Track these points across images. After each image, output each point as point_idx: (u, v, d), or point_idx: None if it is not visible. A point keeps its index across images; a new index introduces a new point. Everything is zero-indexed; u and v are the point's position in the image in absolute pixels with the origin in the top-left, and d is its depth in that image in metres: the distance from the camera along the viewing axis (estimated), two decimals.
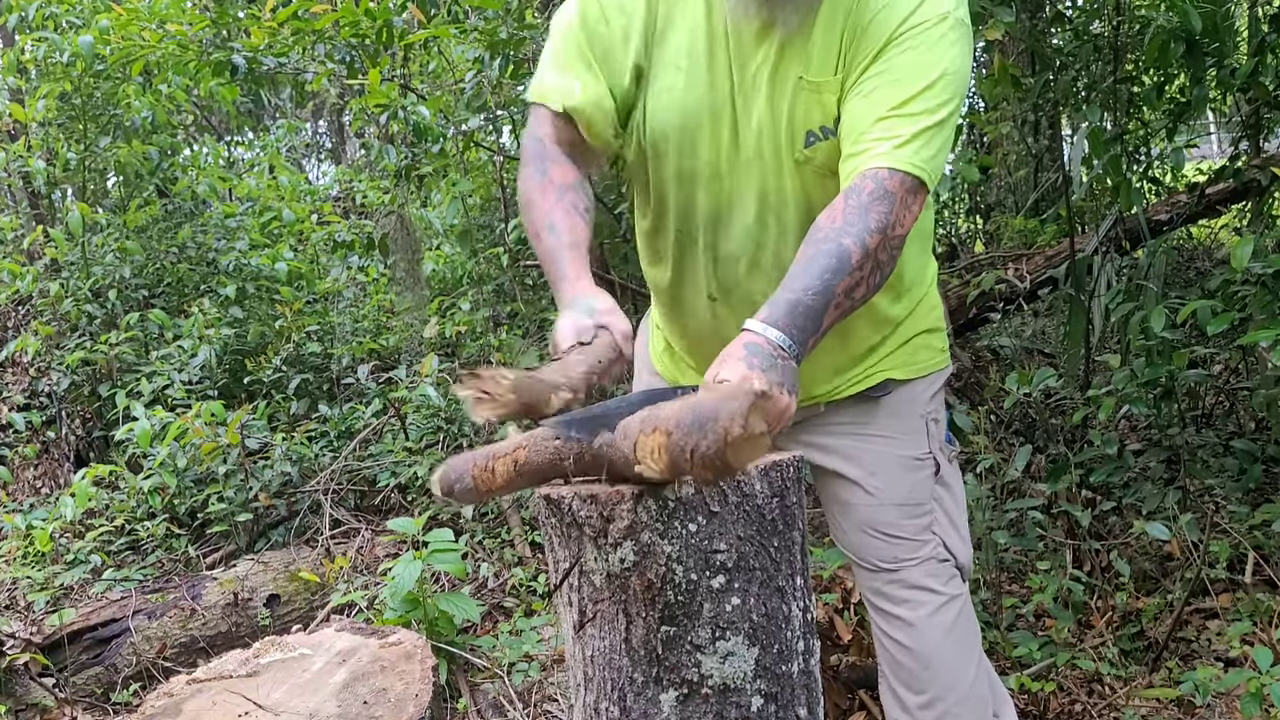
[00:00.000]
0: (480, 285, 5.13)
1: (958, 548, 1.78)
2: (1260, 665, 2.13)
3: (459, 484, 1.41)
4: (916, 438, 1.76)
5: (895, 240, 1.40)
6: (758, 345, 1.27)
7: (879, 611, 1.78)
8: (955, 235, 6.33)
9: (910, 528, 1.74)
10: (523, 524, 3.82)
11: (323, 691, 1.87)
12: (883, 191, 1.38)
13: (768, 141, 1.55)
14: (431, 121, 4.43)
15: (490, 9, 3.92)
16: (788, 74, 1.51)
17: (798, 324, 1.29)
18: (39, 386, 5.27)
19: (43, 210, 6.03)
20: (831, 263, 1.33)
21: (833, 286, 1.32)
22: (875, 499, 1.74)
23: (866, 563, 1.77)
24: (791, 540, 1.15)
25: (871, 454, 1.74)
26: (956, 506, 1.80)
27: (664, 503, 1.06)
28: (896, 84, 1.43)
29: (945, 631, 1.73)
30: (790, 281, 1.33)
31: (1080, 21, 3.97)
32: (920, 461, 1.75)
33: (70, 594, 3.82)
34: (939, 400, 1.81)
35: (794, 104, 1.51)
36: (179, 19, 4.29)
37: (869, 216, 1.36)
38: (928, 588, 1.73)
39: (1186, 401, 3.49)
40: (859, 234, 1.35)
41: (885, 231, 1.37)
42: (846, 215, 1.37)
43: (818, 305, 1.31)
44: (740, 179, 1.58)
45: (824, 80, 1.49)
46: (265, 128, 8.60)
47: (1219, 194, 3.91)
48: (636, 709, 1.11)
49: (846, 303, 1.36)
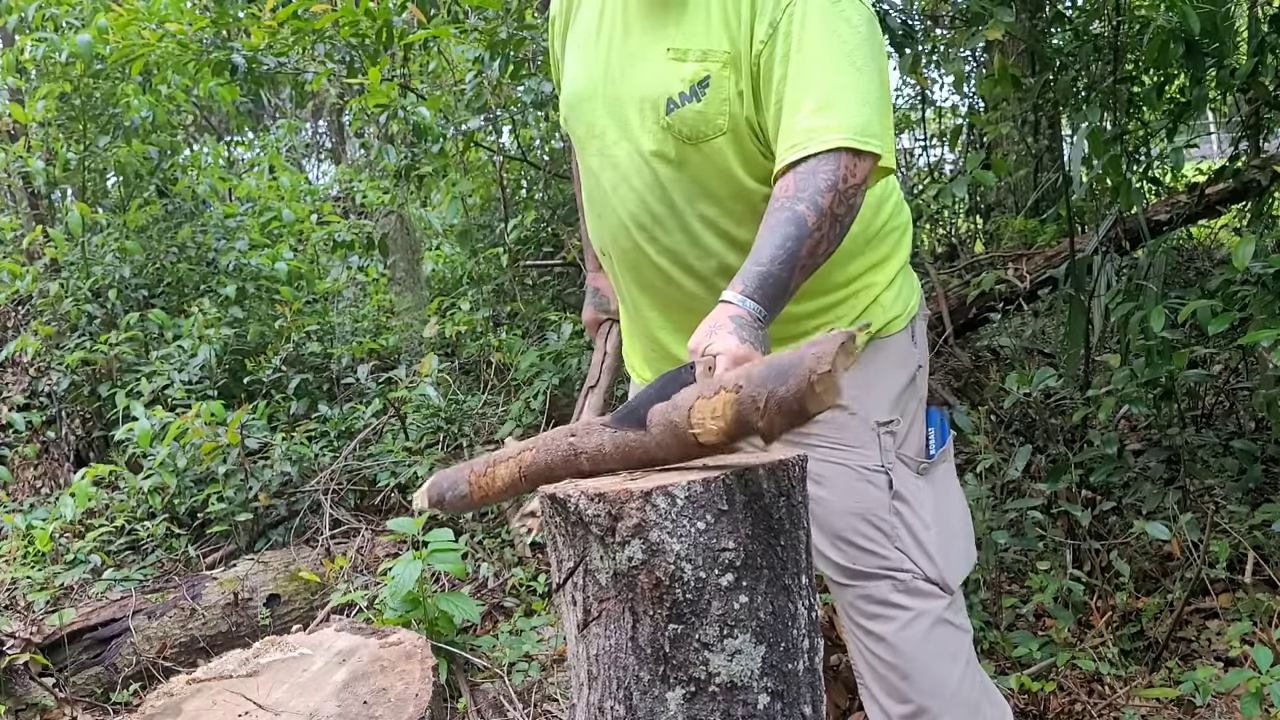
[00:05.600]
0: (480, 285, 5.14)
1: (924, 565, 1.71)
2: (1260, 665, 2.13)
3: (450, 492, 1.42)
4: (866, 449, 1.71)
5: (850, 192, 1.45)
6: (740, 318, 1.35)
7: (854, 625, 1.75)
8: (955, 235, 6.33)
9: (869, 538, 1.70)
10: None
11: (323, 691, 1.87)
12: (827, 156, 1.44)
13: (635, 107, 1.63)
14: (431, 121, 4.44)
15: (490, 9, 3.92)
16: (658, 44, 1.60)
17: (769, 294, 1.38)
18: (39, 386, 5.27)
19: (43, 210, 6.02)
20: (791, 230, 1.41)
21: (795, 253, 1.40)
22: (824, 508, 1.70)
23: (835, 575, 1.74)
24: (797, 539, 1.15)
25: (817, 463, 1.68)
26: (922, 521, 1.73)
27: (673, 500, 1.06)
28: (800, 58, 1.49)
29: (920, 644, 1.70)
30: (757, 254, 1.41)
31: (1080, 21, 3.97)
32: (870, 473, 1.71)
33: (70, 594, 3.82)
34: (903, 407, 1.75)
35: (659, 72, 1.60)
36: (179, 19, 4.29)
37: (817, 178, 1.43)
38: (896, 604, 1.70)
39: (1186, 401, 3.49)
40: (811, 196, 1.42)
41: (836, 187, 1.43)
42: (797, 183, 1.44)
43: (784, 273, 1.40)
44: (614, 142, 1.68)
45: (688, 48, 1.57)
46: (265, 128, 8.60)
47: (1219, 194, 3.91)
48: (643, 707, 1.11)
49: (810, 263, 1.44)
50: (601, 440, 1.17)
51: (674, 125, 1.59)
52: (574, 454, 1.21)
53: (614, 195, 1.70)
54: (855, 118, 1.46)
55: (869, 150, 1.46)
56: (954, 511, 1.82)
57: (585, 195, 1.82)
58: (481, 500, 1.40)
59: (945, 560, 1.74)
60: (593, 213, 1.79)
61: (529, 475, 1.29)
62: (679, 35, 1.58)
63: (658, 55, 1.60)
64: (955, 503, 1.84)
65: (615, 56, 1.66)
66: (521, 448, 1.31)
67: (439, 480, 1.45)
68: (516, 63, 4.08)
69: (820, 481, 1.70)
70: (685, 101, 1.57)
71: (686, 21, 1.57)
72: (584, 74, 1.72)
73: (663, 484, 1.07)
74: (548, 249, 5.21)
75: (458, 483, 1.41)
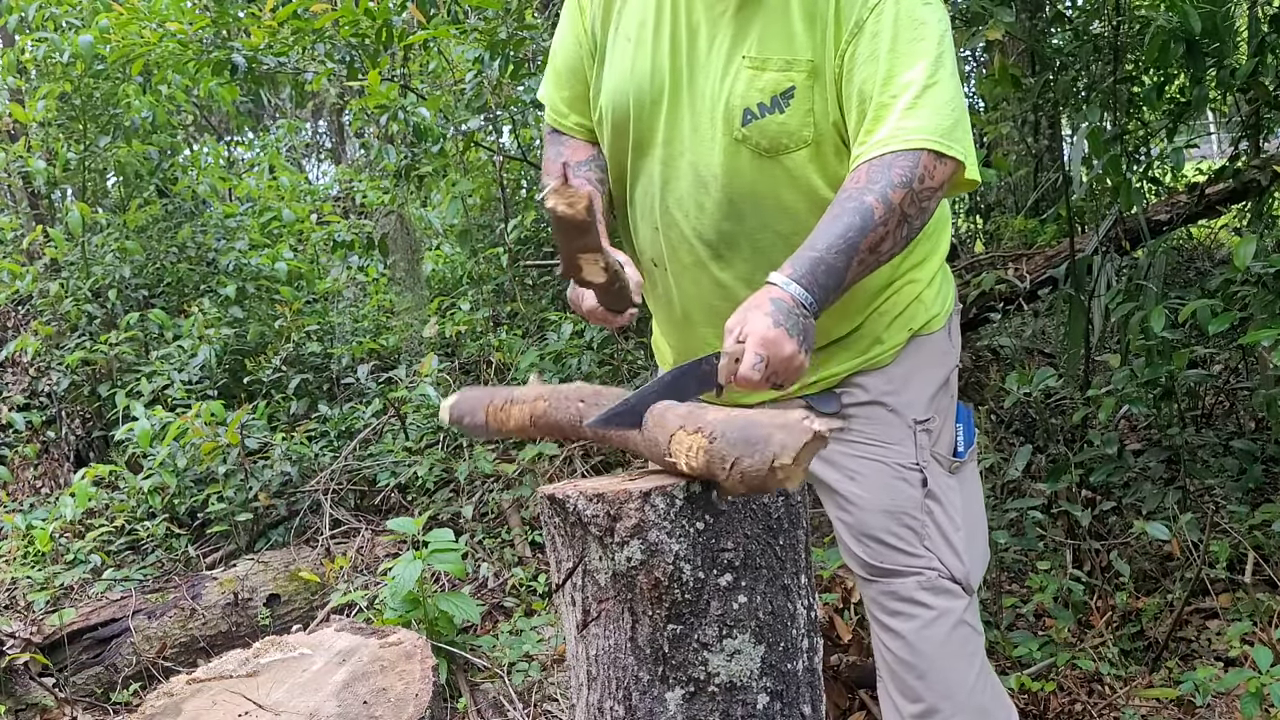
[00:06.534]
0: (480, 285, 5.14)
1: (952, 564, 1.71)
2: (1260, 665, 2.13)
3: (469, 417, 1.43)
4: (903, 446, 1.70)
5: (925, 193, 1.40)
6: (781, 300, 1.29)
7: (875, 620, 1.75)
8: (955, 235, 6.33)
9: (900, 537, 1.69)
10: (523, 524, 3.82)
11: (323, 691, 1.87)
12: (906, 151, 1.39)
13: (707, 117, 1.56)
14: (431, 121, 4.44)
15: (490, 9, 3.92)
16: (734, 50, 1.53)
17: (819, 281, 1.31)
18: (39, 386, 5.27)
19: (43, 210, 6.02)
20: (855, 220, 1.34)
21: (856, 244, 1.34)
22: (858, 505, 1.70)
23: (861, 570, 1.74)
24: (796, 539, 1.15)
25: (853, 459, 1.70)
26: (952, 521, 1.72)
27: (672, 501, 1.06)
28: (885, 59, 1.44)
29: (940, 644, 1.69)
30: (814, 239, 1.35)
31: (1080, 21, 3.97)
32: (906, 471, 1.70)
33: (70, 594, 3.82)
34: (938, 405, 1.75)
35: (736, 81, 1.52)
36: (179, 18, 4.29)
37: (892, 172, 1.38)
38: (921, 602, 1.69)
39: (1186, 401, 3.49)
40: (882, 189, 1.36)
41: (910, 185, 1.37)
42: (870, 174, 1.39)
43: (839, 263, 1.33)
44: (680, 153, 1.60)
45: (768, 58, 1.50)
46: (265, 128, 8.60)
47: (1219, 194, 3.91)
48: (642, 707, 1.11)
49: (871, 258, 1.37)
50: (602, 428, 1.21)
51: (751, 137, 1.52)
52: (579, 420, 1.24)
53: (677, 209, 1.62)
54: (942, 121, 1.41)
55: (952, 155, 1.41)
56: (976, 511, 1.82)
57: (634, 204, 1.71)
58: (495, 433, 1.41)
59: (970, 560, 1.75)
60: (647, 224, 1.69)
61: (538, 424, 1.31)
62: (756, 42, 1.50)
63: (732, 63, 1.52)
64: (977, 503, 1.83)
65: (683, 61, 1.57)
66: (537, 394, 1.33)
67: (462, 401, 1.46)
68: (516, 63, 4.08)
69: (855, 478, 1.69)
70: (765, 113, 1.50)
71: (765, 27, 1.50)
72: (641, 75, 1.61)
73: (661, 484, 1.07)
74: (548, 249, 5.21)
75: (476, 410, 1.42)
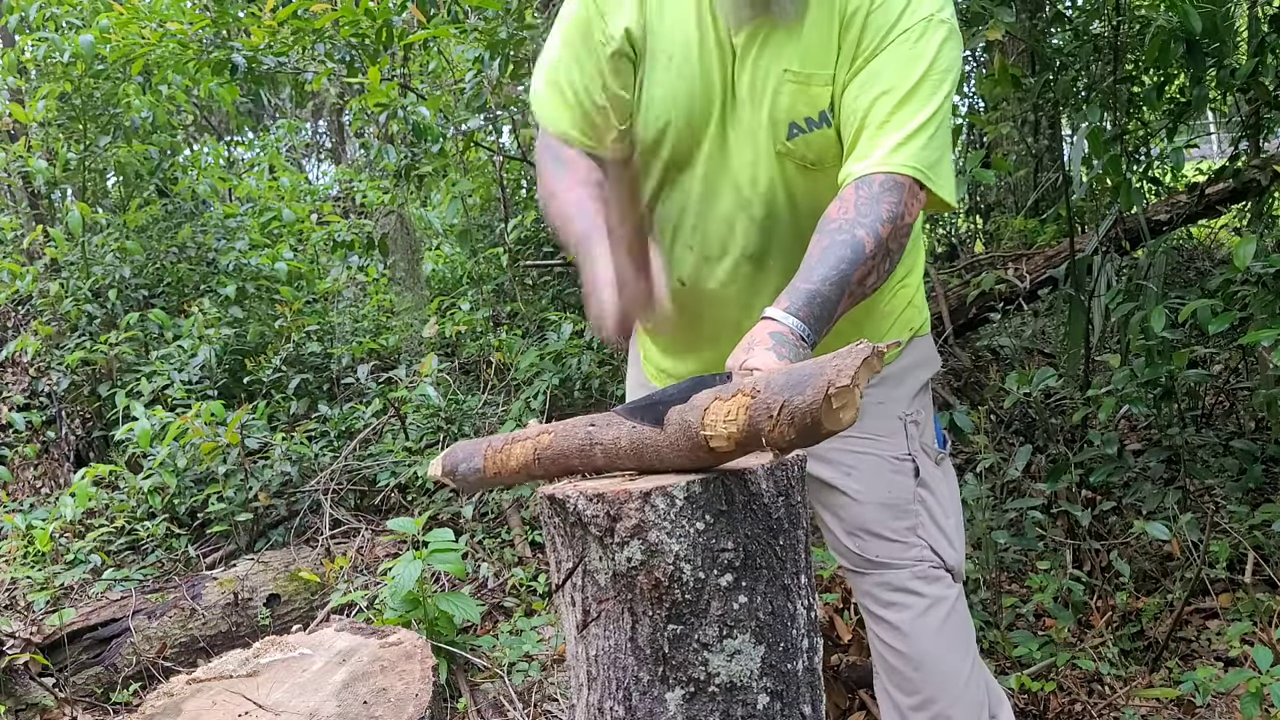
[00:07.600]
0: (480, 285, 5.14)
1: (945, 551, 1.75)
2: (1260, 665, 2.14)
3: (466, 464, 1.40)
4: (894, 439, 1.73)
5: (904, 229, 1.43)
6: (782, 334, 1.30)
7: (869, 614, 1.77)
8: (955, 235, 6.33)
9: (894, 529, 1.72)
10: (523, 524, 3.82)
11: (323, 691, 1.87)
12: (892, 184, 1.41)
13: (749, 133, 1.56)
14: (431, 121, 4.44)
15: (490, 9, 3.92)
16: (775, 65, 1.53)
17: (815, 313, 1.33)
18: (39, 386, 5.27)
19: (43, 210, 6.02)
20: (847, 253, 1.36)
21: (848, 276, 1.36)
22: (855, 500, 1.72)
23: (853, 564, 1.76)
24: (796, 539, 1.15)
25: (849, 455, 1.72)
26: (942, 509, 1.77)
27: (672, 501, 1.06)
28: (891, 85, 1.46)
29: (934, 634, 1.71)
30: (808, 272, 1.36)
31: (1080, 21, 3.97)
32: (899, 462, 1.73)
33: (70, 594, 3.82)
34: (921, 402, 1.79)
35: (779, 95, 1.53)
36: (179, 18, 4.29)
37: (880, 207, 1.40)
38: (914, 590, 1.71)
39: (1186, 401, 3.49)
40: (871, 224, 1.38)
41: (895, 221, 1.40)
42: (859, 206, 1.40)
43: (833, 295, 1.35)
44: (722, 169, 1.60)
45: (812, 73, 1.51)
46: (265, 128, 8.60)
47: (1219, 194, 3.92)
48: (642, 708, 1.11)
49: (859, 291, 1.40)
50: (618, 434, 1.16)
51: (796, 150, 1.53)
52: (590, 444, 1.20)
53: (717, 226, 1.62)
54: (930, 154, 1.44)
55: (932, 189, 1.45)
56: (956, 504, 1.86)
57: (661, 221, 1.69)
58: (494, 478, 1.36)
59: (959, 547, 1.79)
60: (679, 243, 1.67)
61: (543, 459, 1.27)
62: (798, 56, 1.50)
63: (775, 76, 1.52)
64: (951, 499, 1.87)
65: (729, 78, 1.56)
66: (540, 430, 1.30)
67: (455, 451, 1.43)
68: (516, 62, 4.08)
69: (851, 473, 1.71)
70: (813, 127, 1.51)
71: (806, 40, 1.50)
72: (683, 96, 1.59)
73: (661, 484, 1.07)
74: (548, 249, 5.22)
75: (474, 455, 1.39)
